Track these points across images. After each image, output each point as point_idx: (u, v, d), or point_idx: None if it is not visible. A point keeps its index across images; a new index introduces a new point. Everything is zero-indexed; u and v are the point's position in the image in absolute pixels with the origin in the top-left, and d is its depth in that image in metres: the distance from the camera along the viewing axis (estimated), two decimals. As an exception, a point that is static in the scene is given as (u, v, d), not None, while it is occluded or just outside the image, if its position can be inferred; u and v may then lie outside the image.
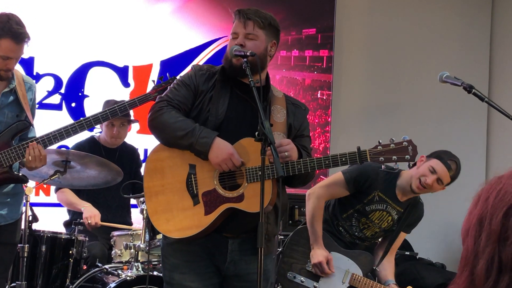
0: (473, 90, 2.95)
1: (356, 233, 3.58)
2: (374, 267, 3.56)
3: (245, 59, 2.63)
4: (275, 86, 3.05)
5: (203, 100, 2.76)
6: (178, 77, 2.92)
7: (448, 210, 6.10)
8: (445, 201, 6.26)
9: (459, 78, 3.05)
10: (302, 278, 3.45)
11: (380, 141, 2.71)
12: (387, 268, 3.62)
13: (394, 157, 2.67)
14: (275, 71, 5.65)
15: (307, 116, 2.97)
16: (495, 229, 1.04)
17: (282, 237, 4.32)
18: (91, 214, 4.20)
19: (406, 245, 5.85)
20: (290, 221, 4.89)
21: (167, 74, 3.28)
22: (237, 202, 2.67)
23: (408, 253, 5.58)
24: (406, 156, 2.67)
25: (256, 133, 2.47)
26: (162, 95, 2.82)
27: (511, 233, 1.03)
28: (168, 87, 2.87)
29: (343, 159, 2.67)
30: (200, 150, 2.66)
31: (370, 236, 3.62)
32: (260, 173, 2.53)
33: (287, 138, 2.78)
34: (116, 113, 3.17)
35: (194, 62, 5.51)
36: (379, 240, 3.76)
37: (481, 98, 2.96)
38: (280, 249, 3.61)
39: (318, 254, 3.42)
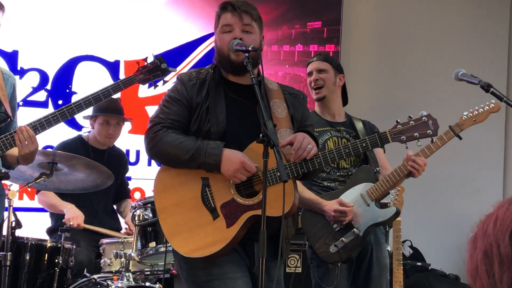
0: (491, 89, 2.96)
1: (338, 173, 3.67)
2: (376, 169, 3.65)
3: (247, 54, 2.64)
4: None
5: (200, 113, 2.76)
6: (166, 91, 2.88)
7: (463, 218, 6.09)
8: (460, 208, 6.26)
9: (476, 76, 3.06)
10: (342, 239, 3.52)
11: (398, 120, 2.79)
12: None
13: (416, 134, 2.76)
14: (277, 67, 5.66)
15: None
16: (507, 253, 1.05)
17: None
18: (73, 215, 4.20)
19: (417, 256, 5.85)
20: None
21: (152, 54, 3.26)
22: (259, 208, 2.65)
23: (420, 264, 5.58)
24: (428, 131, 2.77)
25: (261, 134, 2.49)
26: (153, 116, 2.80)
27: None
28: (158, 105, 2.83)
29: (364, 145, 2.77)
30: (211, 168, 2.69)
31: (348, 166, 3.71)
32: (279, 174, 2.60)
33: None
34: (99, 98, 3.15)
35: (191, 57, 5.52)
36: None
37: (499, 97, 2.98)
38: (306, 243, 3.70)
39: (328, 208, 3.51)
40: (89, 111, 4.28)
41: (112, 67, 5.33)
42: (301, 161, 2.69)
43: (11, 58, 5.03)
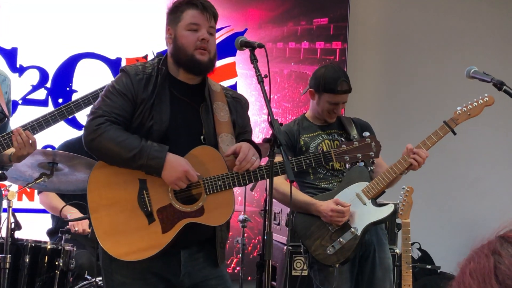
0: (504, 87, 2.95)
1: (336, 173, 3.69)
2: (370, 168, 3.67)
3: (253, 52, 2.65)
4: (283, 81, 3.07)
5: (145, 109, 2.73)
6: (110, 82, 2.84)
7: (473, 219, 6.08)
8: (470, 210, 6.25)
9: (488, 73, 3.05)
10: (339, 240, 3.53)
11: (342, 139, 2.91)
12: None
13: (359, 155, 2.88)
14: (282, 65, 5.64)
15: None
16: None
17: (291, 248, 4.33)
18: (78, 221, 4.19)
19: (427, 258, 5.84)
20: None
21: (152, 52, 3.26)
22: (197, 216, 2.69)
23: (429, 266, 5.57)
24: (370, 153, 2.88)
25: (202, 137, 2.47)
26: (96, 107, 2.75)
27: None
28: (100, 95, 2.80)
29: (307, 161, 2.86)
30: (152, 171, 2.68)
31: (342, 167, 3.72)
32: (220, 183, 2.67)
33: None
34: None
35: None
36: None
37: (512, 96, 2.96)
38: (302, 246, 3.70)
39: (324, 208, 3.52)
40: (88, 109, 4.27)
41: (114, 65, 5.33)
42: (244, 172, 2.70)
43: (10, 55, 5.03)
